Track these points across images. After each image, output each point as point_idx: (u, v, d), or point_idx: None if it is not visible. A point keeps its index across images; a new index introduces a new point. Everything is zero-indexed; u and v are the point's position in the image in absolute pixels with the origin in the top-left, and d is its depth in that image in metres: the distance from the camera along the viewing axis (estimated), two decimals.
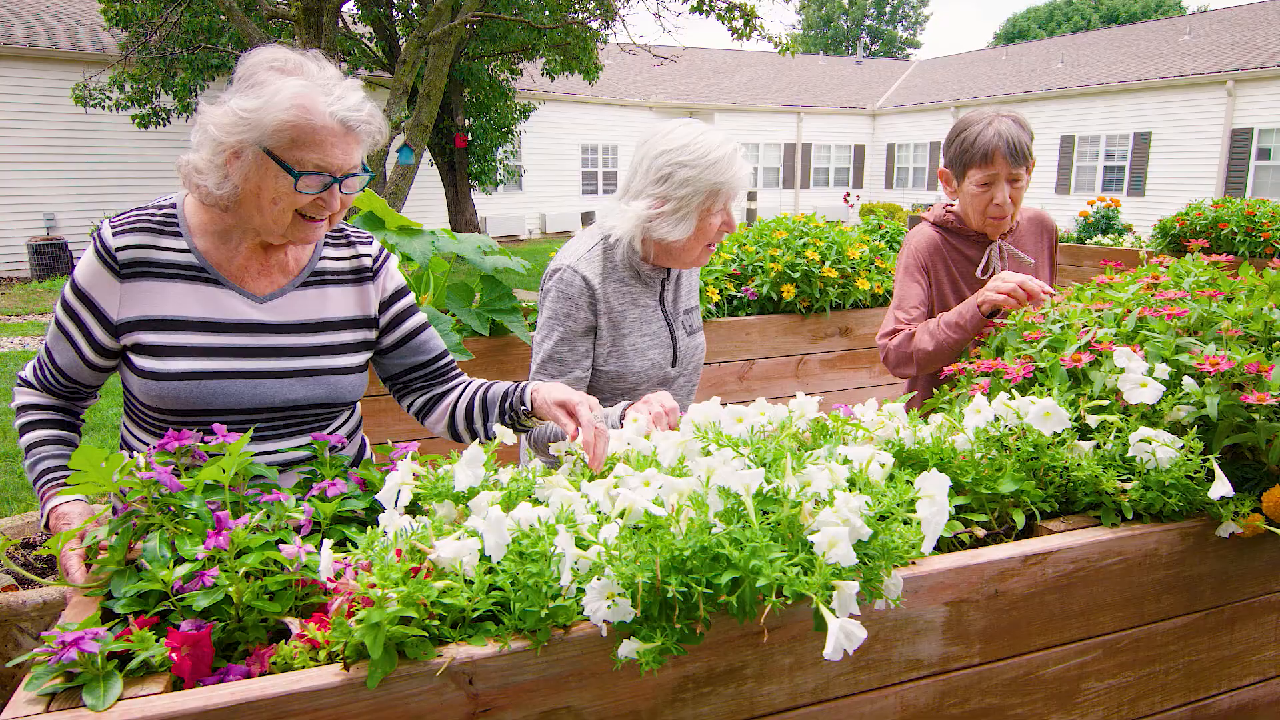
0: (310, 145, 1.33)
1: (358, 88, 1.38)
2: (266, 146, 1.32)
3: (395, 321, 1.62)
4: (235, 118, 1.32)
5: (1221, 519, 1.34)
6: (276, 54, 1.36)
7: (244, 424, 1.45)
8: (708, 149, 1.86)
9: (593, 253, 1.95)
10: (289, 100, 1.30)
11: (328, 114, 1.33)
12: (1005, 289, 1.76)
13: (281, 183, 1.34)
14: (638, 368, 2.00)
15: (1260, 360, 1.36)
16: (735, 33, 9.60)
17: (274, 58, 1.36)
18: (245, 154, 1.34)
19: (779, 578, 0.93)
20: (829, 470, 1.10)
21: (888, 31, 50.98)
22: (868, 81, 29.20)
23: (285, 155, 1.33)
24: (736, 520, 1.00)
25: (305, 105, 1.31)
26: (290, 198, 1.36)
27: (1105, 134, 19.57)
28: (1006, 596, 1.23)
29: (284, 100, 1.30)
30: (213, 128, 1.33)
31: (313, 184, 1.35)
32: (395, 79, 7.62)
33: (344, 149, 1.36)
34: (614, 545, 0.97)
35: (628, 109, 23.58)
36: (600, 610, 0.94)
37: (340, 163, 1.36)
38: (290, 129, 1.31)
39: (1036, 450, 1.37)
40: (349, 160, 1.38)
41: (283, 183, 1.34)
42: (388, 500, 1.19)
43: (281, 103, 1.30)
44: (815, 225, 3.48)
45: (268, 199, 1.36)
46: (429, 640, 0.98)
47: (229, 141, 1.32)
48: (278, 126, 1.31)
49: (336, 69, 1.38)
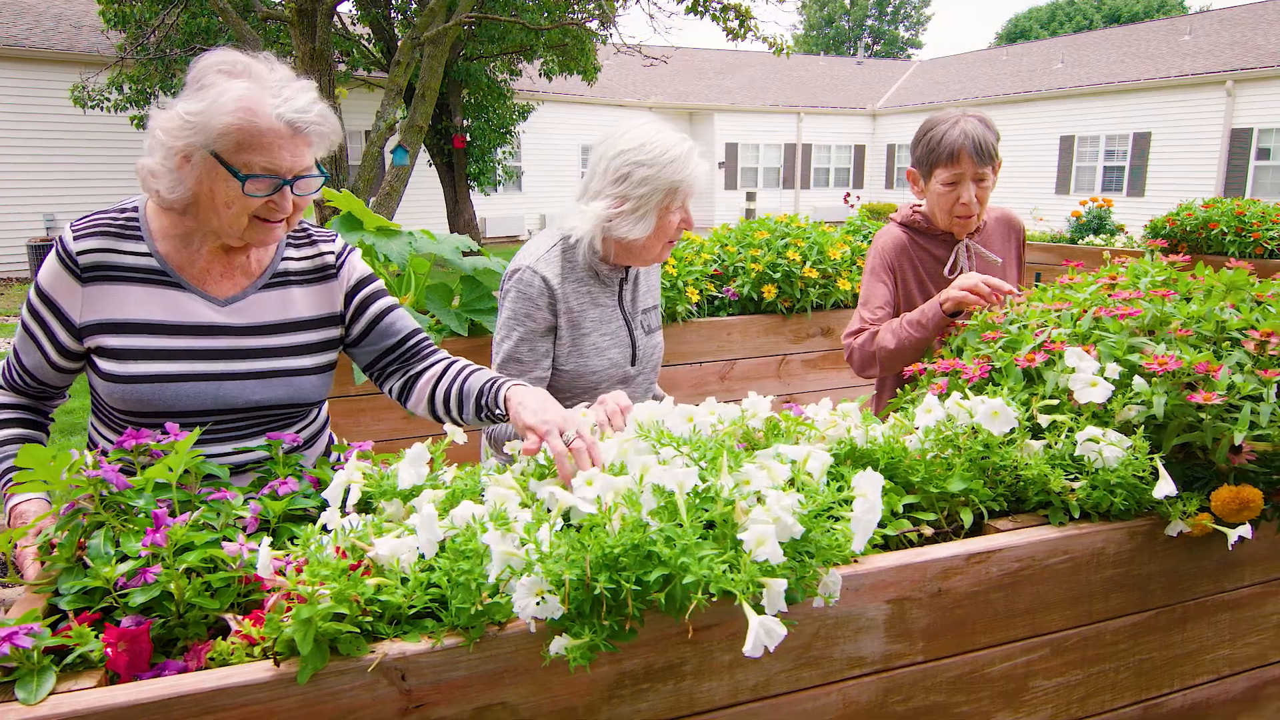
0: (256, 148, 1.33)
1: (308, 89, 1.39)
2: (214, 150, 1.33)
3: (360, 309, 1.62)
4: (181, 122, 1.32)
5: (1170, 518, 1.35)
6: (225, 57, 1.37)
7: (206, 425, 1.46)
8: (665, 148, 1.88)
9: (552, 253, 1.98)
10: (234, 103, 1.30)
11: (273, 116, 1.33)
12: (968, 285, 1.77)
13: (231, 186, 1.35)
14: (598, 367, 2.02)
15: (1209, 360, 1.36)
16: (730, 33, 9.61)
17: (222, 60, 1.36)
18: (195, 158, 1.34)
19: (706, 575, 0.94)
20: (766, 469, 1.11)
21: (889, 32, 50.95)
22: (868, 82, 29.19)
23: (232, 159, 1.33)
24: (669, 518, 1.01)
25: (250, 108, 1.31)
26: (242, 201, 1.36)
27: (1105, 134, 19.55)
28: (950, 595, 1.24)
29: (228, 103, 1.30)
30: (160, 132, 1.34)
31: (261, 187, 1.35)
32: (390, 79, 7.64)
33: (292, 151, 1.36)
34: (548, 542, 0.98)
35: (627, 109, 23.58)
36: (529, 607, 0.95)
37: (290, 164, 1.37)
38: (236, 132, 1.31)
39: (987, 450, 1.38)
40: (299, 162, 1.38)
41: (232, 186, 1.35)
42: (333, 498, 1.20)
43: (226, 106, 1.30)
44: (797, 226, 3.48)
45: (221, 202, 1.36)
46: (362, 637, 0.99)
47: (177, 146, 1.33)
48: (223, 130, 1.31)
49: (288, 70, 1.39)
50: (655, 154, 1.87)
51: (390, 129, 7.54)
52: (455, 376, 1.59)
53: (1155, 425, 1.41)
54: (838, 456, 1.40)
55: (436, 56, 8.08)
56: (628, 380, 2.12)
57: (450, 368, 1.61)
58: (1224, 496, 1.34)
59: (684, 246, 3.27)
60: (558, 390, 2.06)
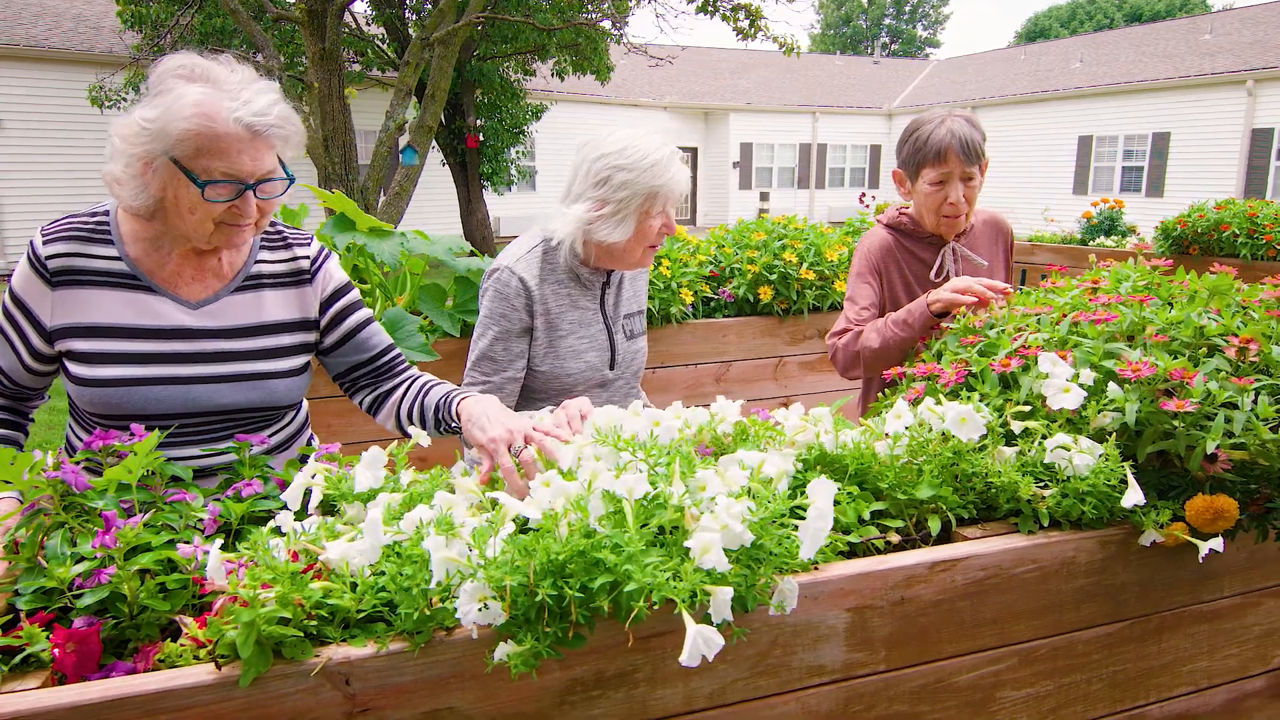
0: (215, 153, 1.32)
1: (269, 91, 1.38)
2: (173, 156, 1.32)
3: (336, 320, 1.63)
4: (138, 128, 1.31)
5: (1143, 527, 1.33)
6: (185, 60, 1.36)
7: (177, 428, 1.47)
8: (645, 152, 1.89)
9: (532, 254, 1.99)
10: (190, 109, 1.29)
11: (231, 120, 1.31)
12: (961, 287, 1.75)
13: (193, 192, 1.34)
14: (574, 369, 2.03)
15: (1185, 367, 1.34)
16: (740, 33, 9.57)
17: (181, 64, 1.35)
18: (155, 164, 1.33)
19: (649, 582, 0.93)
20: (720, 475, 1.10)
21: (907, 31, 50.69)
22: (885, 81, 29.04)
23: (191, 164, 1.32)
24: (618, 525, 1.00)
25: (207, 112, 1.30)
26: (205, 206, 1.35)
27: (1124, 134, 19.34)
28: (914, 603, 1.23)
29: (185, 109, 1.29)
30: (118, 139, 1.33)
31: (221, 192, 1.35)
32: (399, 80, 7.67)
33: (253, 155, 1.35)
34: (494, 548, 0.98)
35: (642, 109, 23.59)
36: (470, 613, 0.94)
37: (250, 169, 1.35)
38: (193, 138, 1.30)
39: (957, 456, 1.36)
40: (260, 165, 1.37)
41: (194, 192, 1.34)
42: (291, 500, 1.20)
43: (182, 111, 1.29)
44: (795, 227, 3.46)
45: (184, 208, 1.36)
46: (308, 640, 0.98)
47: (135, 152, 1.32)
48: (180, 136, 1.30)
49: (250, 72, 1.38)
50: (635, 158, 1.88)
51: (399, 129, 7.56)
52: (418, 393, 1.62)
53: (1132, 432, 1.39)
54: (806, 462, 1.39)
55: (446, 57, 8.10)
56: (605, 384, 2.12)
57: (415, 384, 1.64)
58: (1198, 506, 1.31)
59: (679, 247, 3.26)
60: (533, 391, 2.06)
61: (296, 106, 7.58)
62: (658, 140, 1.92)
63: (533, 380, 2.04)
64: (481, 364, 1.97)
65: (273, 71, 7.35)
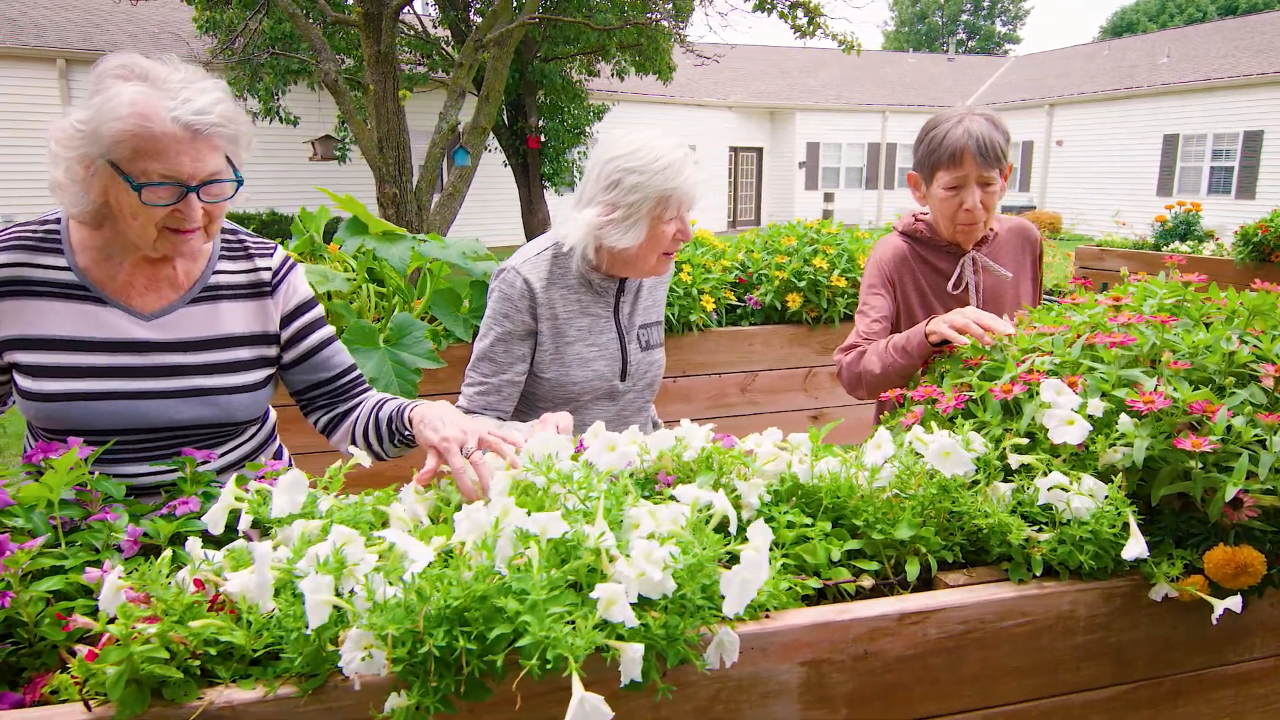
0: (152, 154, 1.25)
1: (213, 90, 1.31)
2: (110, 159, 1.26)
3: (297, 337, 1.56)
4: (73, 131, 1.26)
5: (1153, 579, 1.17)
6: (125, 59, 1.29)
7: (132, 444, 1.43)
8: (657, 155, 1.81)
9: (541, 257, 1.93)
10: (125, 108, 1.23)
11: (169, 119, 1.25)
12: (958, 326, 1.60)
13: (131, 196, 1.28)
14: (580, 378, 1.95)
15: (1208, 398, 1.18)
16: (798, 31, 9.34)
17: (121, 64, 1.29)
18: (94, 167, 1.27)
19: (546, 637, 0.84)
20: (653, 515, 1.00)
21: (985, 27, 49.20)
22: (959, 79, 28.24)
23: (129, 167, 1.26)
24: (527, 569, 0.91)
25: (143, 111, 1.24)
26: (145, 211, 1.29)
27: (1212, 132, 18.36)
28: (879, 658, 1.10)
29: (120, 108, 1.23)
30: (54, 143, 1.28)
31: (160, 195, 1.28)
32: (452, 81, 7.71)
33: (193, 155, 1.28)
34: (386, 591, 0.90)
35: (706, 109, 23.42)
36: (353, 662, 0.86)
37: (191, 170, 1.28)
38: (129, 138, 1.24)
39: (942, 493, 1.23)
40: (201, 167, 1.30)
41: (131, 196, 1.28)
42: (212, 523, 1.14)
43: (117, 111, 1.23)
44: (828, 232, 3.31)
45: (127, 213, 1.30)
46: (193, 681, 0.92)
47: (72, 156, 1.27)
48: (116, 137, 1.24)
49: (194, 71, 1.32)
50: (646, 161, 1.80)
51: (452, 131, 7.60)
52: (373, 410, 1.55)
53: (1150, 471, 1.24)
54: (778, 494, 1.28)
55: (501, 58, 8.12)
56: (615, 395, 2.04)
57: (370, 403, 1.58)
58: (1218, 558, 1.15)
59: (702, 252, 3.15)
60: (538, 399, 1.99)
61: (353, 112, 7.60)
62: (671, 142, 1.84)
63: (538, 387, 1.98)
64: (481, 364, 1.93)
65: (329, 74, 7.47)
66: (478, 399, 1.93)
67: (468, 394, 1.94)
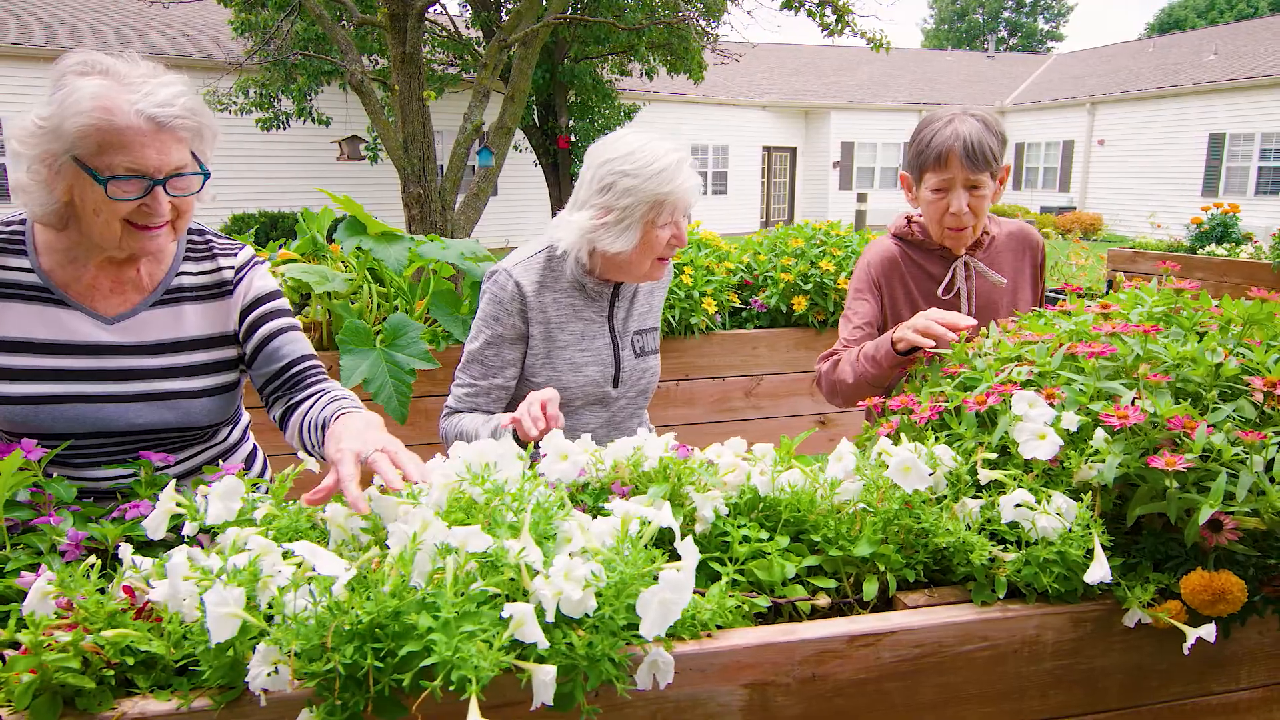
0: (117, 148, 1.24)
1: (175, 83, 1.30)
2: (75, 155, 1.25)
3: (250, 330, 1.53)
4: (35, 128, 1.25)
5: (1126, 603, 1.11)
6: (84, 56, 1.29)
7: (93, 448, 1.42)
8: (652, 158, 1.77)
9: (534, 259, 1.91)
10: (88, 102, 1.22)
11: (132, 112, 1.24)
12: (920, 327, 1.54)
13: (97, 191, 1.27)
14: (571, 383, 1.92)
15: (1188, 414, 1.12)
16: (826, 29, 9.22)
17: (80, 60, 1.28)
18: (58, 165, 1.27)
19: (450, 657, 0.81)
20: (583, 530, 0.97)
21: (1027, 24, 48.30)
22: (998, 77, 27.76)
23: (93, 161, 1.25)
24: (440, 585, 0.88)
25: (105, 105, 1.23)
26: (110, 206, 1.28)
27: (1261, 131, 17.81)
28: (829, 681, 1.06)
29: (82, 103, 1.22)
30: (15, 143, 1.27)
31: (127, 189, 1.27)
32: (477, 81, 7.74)
33: (159, 148, 1.27)
34: (297, 605, 0.87)
35: (740, 109, 23.28)
36: (259, 677, 0.84)
37: (156, 163, 1.28)
38: (94, 133, 1.23)
39: (905, 510, 1.18)
40: (166, 160, 1.29)
41: (99, 191, 1.27)
42: (151, 529, 1.12)
43: (79, 105, 1.22)
44: (836, 234, 3.25)
45: (90, 210, 1.29)
46: (107, 690, 0.91)
47: (35, 154, 1.26)
48: (80, 132, 1.23)
49: (154, 66, 1.31)
50: (641, 164, 1.77)
51: (476, 131, 7.62)
52: (320, 410, 1.45)
53: (1132, 489, 1.17)
54: (736, 506, 1.24)
55: (526, 58, 8.13)
56: (606, 402, 2.01)
57: (322, 398, 1.48)
58: (1194, 584, 1.09)
59: (706, 254, 3.10)
60: None
61: (378, 112, 7.64)
62: (667, 145, 1.80)
63: (528, 390, 1.95)
64: (471, 366, 1.91)
65: (355, 75, 7.53)
66: (465, 400, 1.91)
67: (456, 394, 1.93)
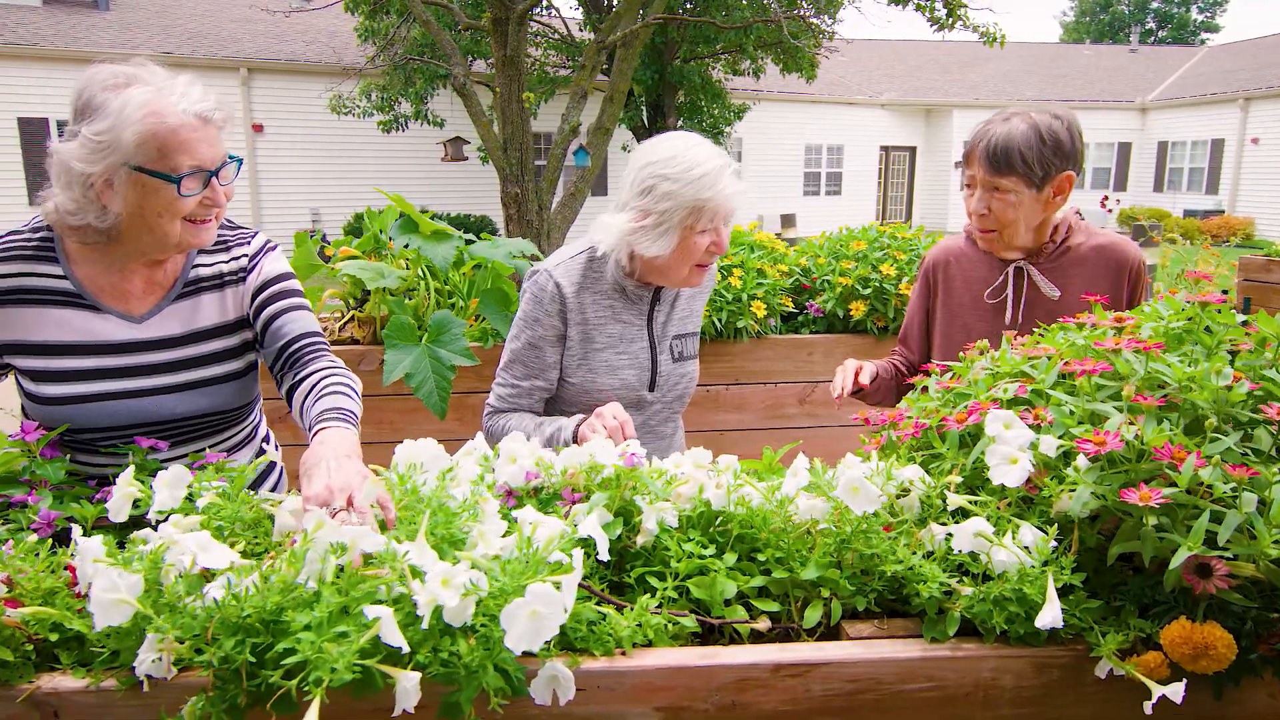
0: (178, 147, 1.32)
1: (193, 81, 1.38)
2: (135, 164, 1.32)
3: (259, 309, 1.57)
4: (92, 145, 1.30)
5: (1097, 651, 1.00)
6: (109, 70, 1.34)
7: (131, 438, 1.47)
8: (693, 163, 1.75)
9: (575, 260, 1.92)
10: (140, 111, 1.29)
11: (180, 112, 1.32)
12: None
13: (164, 195, 1.34)
14: (606, 385, 1.91)
15: (1179, 442, 1.00)
16: (936, 23, 8.84)
17: (102, 79, 1.33)
18: (116, 179, 1.33)
19: (318, 655, 0.80)
20: (483, 537, 0.95)
21: (1179, 15, 45.04)
22: (1141, 72, 25.99)
23: (159, 165, 1.32)
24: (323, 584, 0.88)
25: (156, 110, 1.30)
26: (175, 206, 1.36)
27: None
28: (750, 710, 1.00)
29: (134, 113, 1.29)
30: (75, 162, 1.31)
31: (195, 184, 1.36)
32: (575, 82, 7.83)
33: (209, 142, 1.36)
34: (191, 597, 0.89)
35: (857, 107, 22.71)
36: (145, 663, 0.86)
37: (210, 155, 1.37)
38: (152, 138, 1.30)
39: (856, 533, 1.10)
40: (216, 151, 1.38)
41: (164, 194, 1.34)
42: (115, 512, 1.17)
43: (132, 116, 1.29)
44: (903, 237, 3.10)
45: (153, 215, 1.36)
46: (30, 665, 0.95)
47: (94, 170, 1.31)
48: (139, 140, 1.30)
49: (162, 69, 1.37)
50: (681, 168, 1.75)
51: (573, 131, 7.73)
52: (316, 398, 1.42)
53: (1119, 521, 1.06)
54: (687, 519, 1.19)
55: (626, 59, 8.17)
56: (641, 405, 1.99)
57: (320, 384, 1.45)
58: (1174, 635, 0.97)
59: (758, 255, 3.01)
60: (563, 401, 1.98)
61: (479, 114, 7.88)
62: (710, 150, 1.78)
63: (563, 391, 1.96)
64: (512, 367, 1.93)
65: (458, 78, 7.77)
66: (508, 400, 1.93)
67: (499, 393, 1.95)
